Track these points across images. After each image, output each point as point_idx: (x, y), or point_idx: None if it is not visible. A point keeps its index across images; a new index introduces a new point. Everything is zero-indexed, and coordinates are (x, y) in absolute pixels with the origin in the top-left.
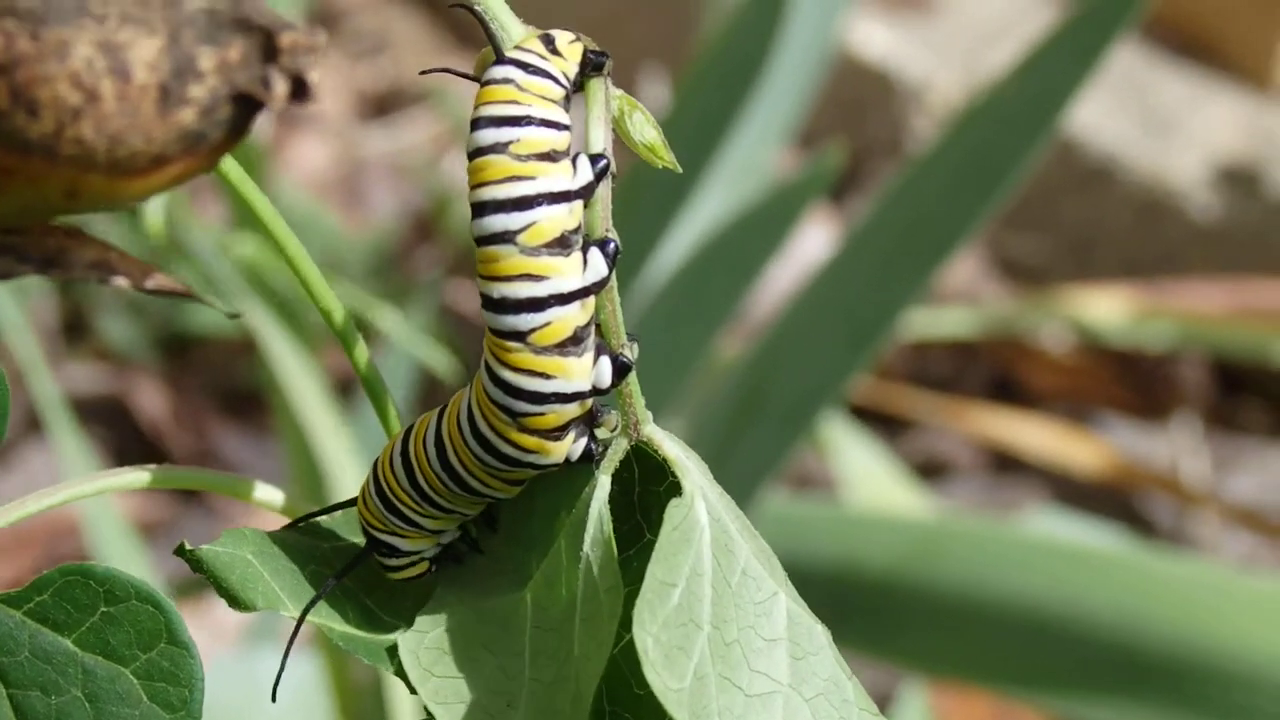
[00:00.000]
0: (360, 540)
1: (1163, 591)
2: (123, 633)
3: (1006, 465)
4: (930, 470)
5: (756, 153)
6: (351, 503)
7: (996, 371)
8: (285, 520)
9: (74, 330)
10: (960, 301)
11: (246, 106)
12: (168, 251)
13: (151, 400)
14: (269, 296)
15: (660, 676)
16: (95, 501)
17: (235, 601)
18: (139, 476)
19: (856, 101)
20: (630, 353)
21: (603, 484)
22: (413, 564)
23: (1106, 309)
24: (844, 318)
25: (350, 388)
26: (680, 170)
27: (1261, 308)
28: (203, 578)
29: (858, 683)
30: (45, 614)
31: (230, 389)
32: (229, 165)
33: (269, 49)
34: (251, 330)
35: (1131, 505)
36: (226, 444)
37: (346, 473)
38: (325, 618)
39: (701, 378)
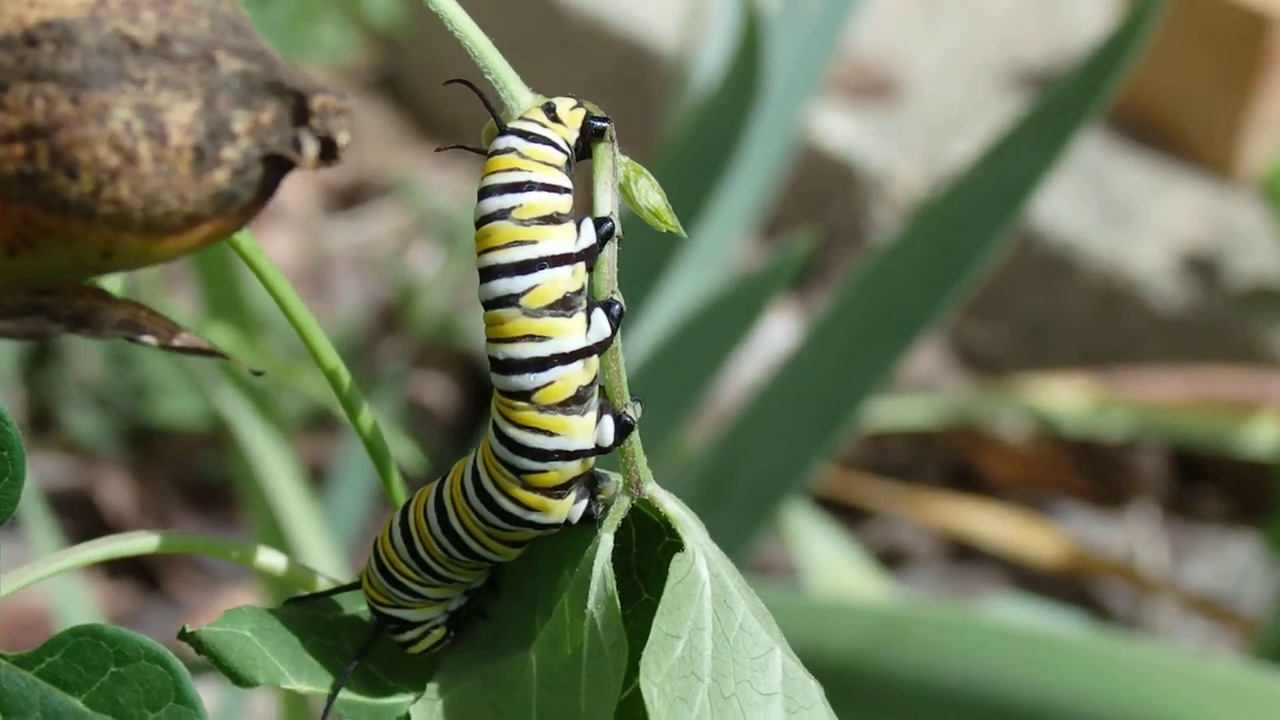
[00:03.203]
0: (363, 608)
1: (1124, 676)
2: (132, 692)
3: (964, 554)
4: (889, 559)
5: (722, 243)
6: (356, 585)
7: (954, 461)
8: (250, 599)
9: (40, 423)
10: (918, 391)
11: (277, 167)
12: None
13: (117, 492)
14: (241, 385)
15: None
16: (66, 590)
17: (237, 679)
18: (149, 541)
19: (818, 191)
20: (634, 413)
21: (605, 542)
22: (426, 634)
23: (1064, 398)
24: (808, 407)
25: (322, 477)
26: (685, 235)
27: (1220, 397)
28: None
29: None
30: (56, 674)
31: (194, 481)
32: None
33: (300, 111)
34: (225, 419)
35: (1088, 593)
36: (186, 531)
37: (322, 560)
38: (327, 686)
39: (666, 466)
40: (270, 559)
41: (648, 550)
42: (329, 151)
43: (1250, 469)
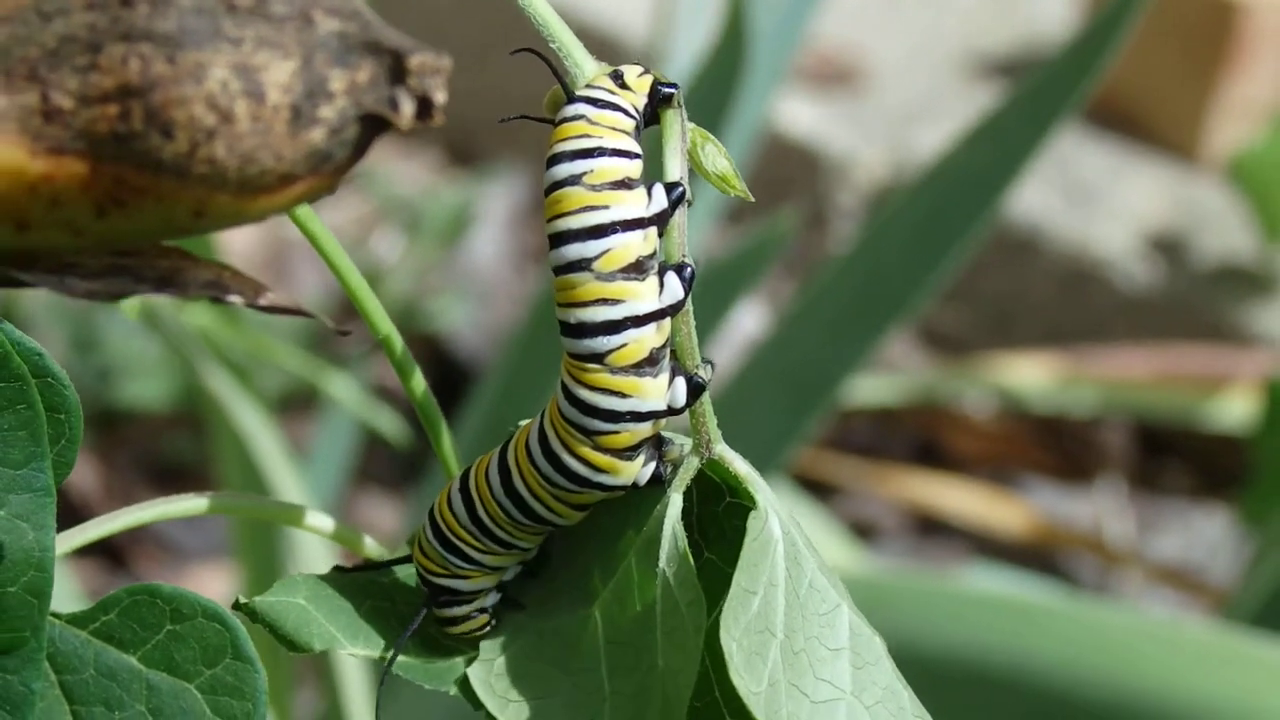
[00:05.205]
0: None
1: (1100, 641)
2: (188, 649)
3: (932, 528)
4: (857, 533)
5: (695, 233)
6: (405, 558)
7: (921, 438)
8: (219, 578)
9: None
10: (885, 371)
11: (372, 126)
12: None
13: (82, 476)
14: (229, 364)
15: (743, 680)
16: None
17: (293, 645)
18: (198, 503)
19: (782, 178)
20: (705, 374)
21: (675, 501)
22: (473, 614)
23: (1030, 376)
24: (783, 392)
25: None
26: (752, 199)
27: (1184, 372)
28: None
29: (912, 692)
30: (111, 632)
31: (159, 464)
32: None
33: (397, 70)
34: (212, 397)
35: (1056, 565)
36: (159, 521)
37: (312, 537)
38: (384, 650)
39: None
40: (317, 520)
41: (709, 510)
42: (425, 110)
43: (1216, 443)
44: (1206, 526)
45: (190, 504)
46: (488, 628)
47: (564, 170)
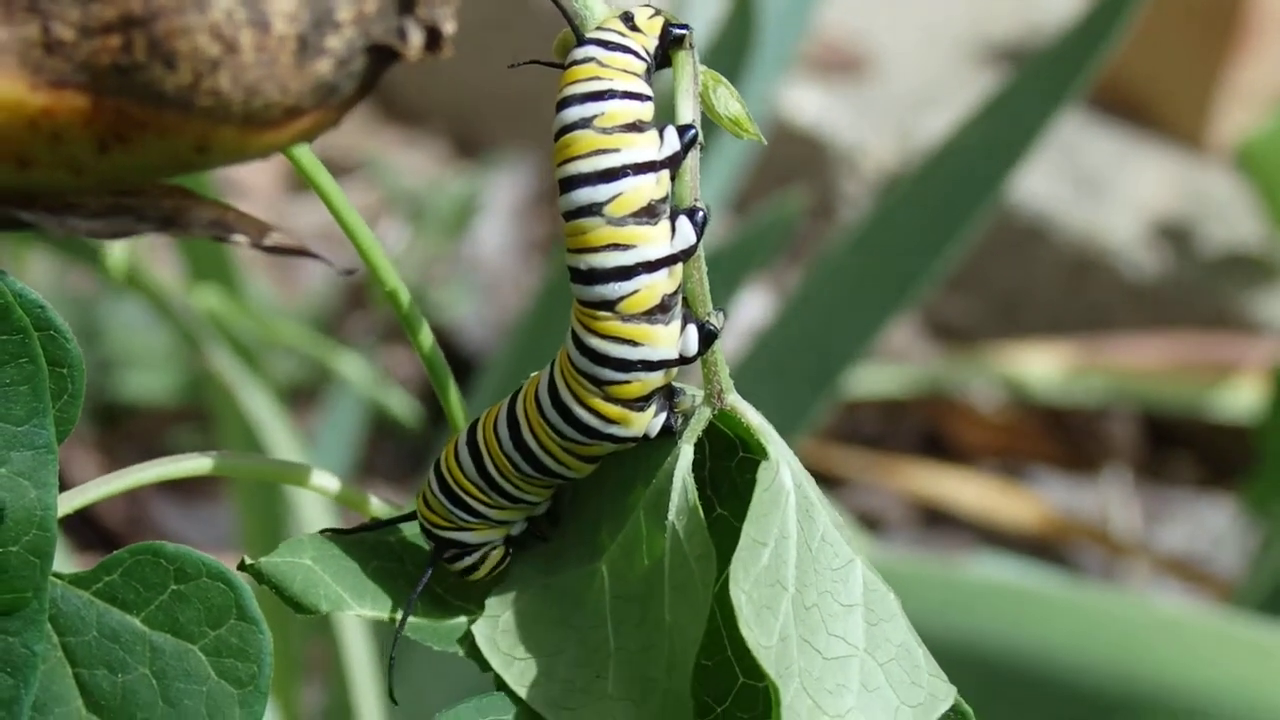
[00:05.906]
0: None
1: (1106, 629)
2: (192, 610)
3: (938, 520)
4: (863, 525)
5: None
6: (410, 516)
7: (927, 429)
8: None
9: None
10: (891, 361)
11: (380, 58)
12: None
13: (85, 470)
14: (238, 349)
15: (753, 633)
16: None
17: (299, 607)
18: (200, 463)
19: (788, 166)
20: (717, 322)
21: (685, 453)
22: (484, 558)
23: (1037, 366)
24: (787, 380)
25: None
26: (764, 142)
27: (1192, 362)
28: None
29: (927, 650)
30: (114, 593)
31: (163, 457)
32: (300, 153)
33: (405, 1)
34: (221, 384)
35: (1062, 556)
36: (162, 513)
37: (322, 522)
38: (391, 610)
39: None
40: (323, 480)
41: (721, 465)
42: (434, 41)
43: (1222, 433)
44: (1213, 517)
45: (192, 464)
46: (504, 563)
47: (574, 113)
